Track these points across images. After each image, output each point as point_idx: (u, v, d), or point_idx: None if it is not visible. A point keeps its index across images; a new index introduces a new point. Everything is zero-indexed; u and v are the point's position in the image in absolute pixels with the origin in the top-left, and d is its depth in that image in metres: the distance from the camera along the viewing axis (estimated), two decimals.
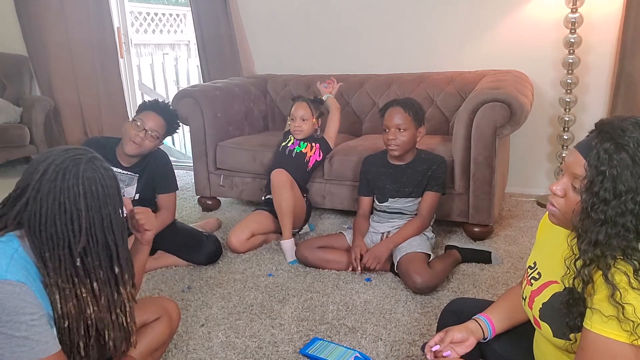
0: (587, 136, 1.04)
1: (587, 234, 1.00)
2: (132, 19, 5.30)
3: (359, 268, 2.27)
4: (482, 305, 1.39)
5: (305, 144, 2.80)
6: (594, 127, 1.03)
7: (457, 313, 1.42)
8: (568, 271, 1.05)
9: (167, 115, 2.39)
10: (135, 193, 2.40)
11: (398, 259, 2.23)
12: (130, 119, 2.37)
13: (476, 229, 2.63)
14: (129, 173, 2.38)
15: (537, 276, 1.19)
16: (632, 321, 0.92)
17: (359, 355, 1.72)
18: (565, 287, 1.06)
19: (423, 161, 2.40)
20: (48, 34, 4.37)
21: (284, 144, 2.85)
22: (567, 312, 1.04)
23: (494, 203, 2.58)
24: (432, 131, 3.01)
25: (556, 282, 1.12)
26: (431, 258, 2.26)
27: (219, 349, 1.81)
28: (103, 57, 4.36)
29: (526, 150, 3.38)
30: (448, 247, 2.46)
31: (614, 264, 0.97)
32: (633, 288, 0.94)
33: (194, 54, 6.19)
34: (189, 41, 6.47)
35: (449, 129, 3.12)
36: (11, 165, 4.40)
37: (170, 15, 6.70)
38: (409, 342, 1.81)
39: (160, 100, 2.47)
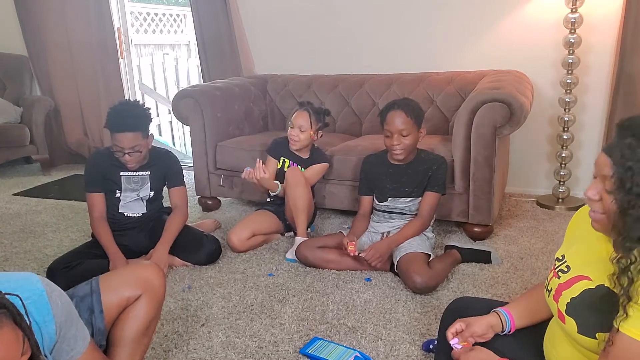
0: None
1: (629, 233, 0.96)
2: (132, 19, 5.30)
3: (352, 250, 2.27)
4: (485, 304, 1.38)
5: (303, 169, 2.72)
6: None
7: (460, 312, 1.41)
8: (615, 270, 1.00)
9: (137, 123, 2.27)
10: (150, 191, 2.48)
11: (398, 258, 2.23)
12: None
13: (476, 229, 2.63)
14: (140, 173, 2.44)
15: (565, 269, 1.16)
16: None
17: (359, 355, 1.72)
18: (597, 285, 1.04)
19: (423, 161, 2.40)
20: (48, 34, 4.37)
21: (279, 166, 2.76)
22: (601, 310, 1.01)
23: (494, 203, 2.58)
24: (432, 131, 3.01)
25: (588, 278, 1.09)
26: (431, 258, 2.26)
27: (219, 349, 1.81)
28: (103, 57, 4.35)
29: (526, 150, 3.38)
30: (448, 247, 2.46)
31: None
32: None
33: (194, 54, 6.20)
34: (189, 41, 6.47)
35: (449, 129, 3.12)
36: (11, 165, 4.39)
37: (170, 15, 6.70)
38: (409, 342, 1.81)
39: (114, 108, 2.28)
